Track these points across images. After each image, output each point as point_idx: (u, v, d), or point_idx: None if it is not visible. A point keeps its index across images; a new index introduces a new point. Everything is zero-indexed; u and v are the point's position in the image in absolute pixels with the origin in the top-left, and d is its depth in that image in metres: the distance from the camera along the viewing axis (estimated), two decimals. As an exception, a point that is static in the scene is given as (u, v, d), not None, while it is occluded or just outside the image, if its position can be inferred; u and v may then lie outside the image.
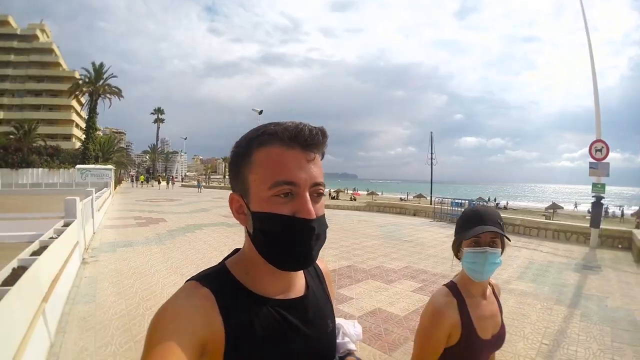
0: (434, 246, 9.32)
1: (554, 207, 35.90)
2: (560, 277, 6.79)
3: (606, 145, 10.44)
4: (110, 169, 30.29)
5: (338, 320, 0.97)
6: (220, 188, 45.85)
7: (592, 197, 10.41)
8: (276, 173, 0.68)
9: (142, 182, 51.92)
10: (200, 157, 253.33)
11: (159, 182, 50.58)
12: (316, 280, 0.92)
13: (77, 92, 42.23)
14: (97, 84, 40.52)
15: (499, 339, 1.32)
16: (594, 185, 10.40)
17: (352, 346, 0.97)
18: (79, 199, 6.72)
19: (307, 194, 0.70)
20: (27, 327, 2.75)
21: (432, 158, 34.57)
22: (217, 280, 0.74)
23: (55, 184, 27.33)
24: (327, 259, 7.12)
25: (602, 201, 10.38)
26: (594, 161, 10.47)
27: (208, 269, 0.78)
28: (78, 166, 29.58)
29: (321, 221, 0.73)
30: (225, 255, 0.83)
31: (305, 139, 0.70)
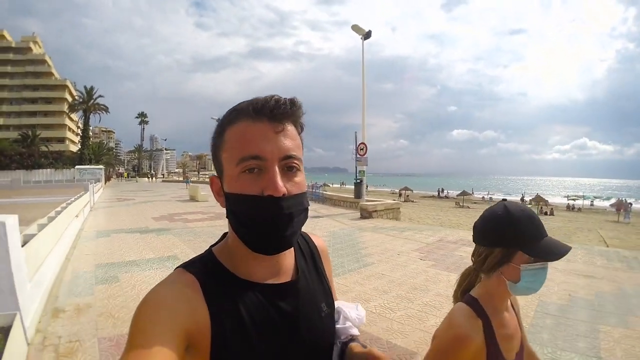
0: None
1: (464, 194, 45.71)
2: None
3: (366, 146, 16.56)
4: (101, 169, 39.50)
5: (338, 304, 0.93)
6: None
7: (355, 180, 17.39)
8: (242, 148, 0.67)
9: (125, 177, 62.96)
10: (190, 153, 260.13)
11: (148, 178, 60.72)
12: (310, 260, 0.89)
13: (74, 108, 52.25)
14: (88, 103, 50.75)
15: (520, 358, 1.15)
16: (360, 172, 16.96)
17: (354, 331, 0.90)
18: (89, 184, 16.12)
19: (276, 168, 0.67)
20: (82, 209, 12.02)
21: (356, 154, 44.00)
22: (203, 266, 0.73)
23: (61, 181, 35.90)
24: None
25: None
26: (359, 156, 16.55)
27: (196, 256, 0.78)
28: (77, 167, 38.61)
29: (294, 200, 0.69)
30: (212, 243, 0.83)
31: (271, 109, 0.67)
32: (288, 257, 0.81)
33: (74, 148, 64.93)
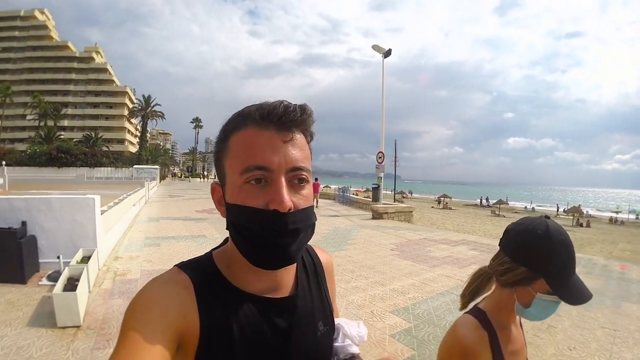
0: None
1: (500, 202, 45.96)
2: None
3: (384, 154, 17.78)
4: (156, 168, 44.08)
5: (338, 321, 0.91)
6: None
7: (373, 185, 18.84)
8: (247, 157, 0.63)
9: (179, 177, 69.29)
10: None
11: (201, 178, 67.10)
12: (313, 276, 0.86)
13: (134, 114, 59.98)
14: (146, 110, 57.71)
15: None
16: (378, 178, 18.13)
17: (354, 349, 0.88)
18: (145, 181, 19.02)
19: (283, 180, 0.63)
20: (138, 200, 14.62)
21: (395, 161, 44.99)
22: (199, 269, 0.71)
23: (121, 178, 40.58)
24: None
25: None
26: (378, 164, 17.73)
27: (196, 257, 0.76)
28: (135, 166, 43.56)
29: (300, 215, 0.64)
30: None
31: (280, 117, 0.63)
32: (289, 272, 0.77)
33: (133, 149, 71.95)
